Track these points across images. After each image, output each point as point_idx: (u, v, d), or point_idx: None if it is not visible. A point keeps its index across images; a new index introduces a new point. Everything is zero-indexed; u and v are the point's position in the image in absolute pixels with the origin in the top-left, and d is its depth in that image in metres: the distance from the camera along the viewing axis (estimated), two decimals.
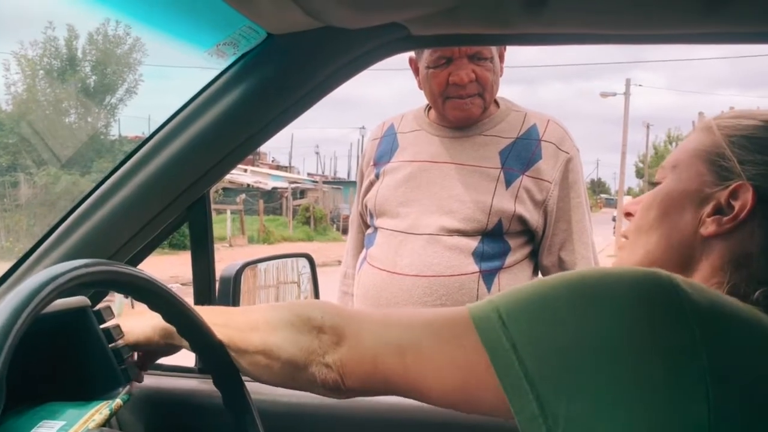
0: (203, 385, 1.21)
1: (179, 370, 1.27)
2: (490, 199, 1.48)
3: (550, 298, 0.63)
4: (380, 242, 1.56)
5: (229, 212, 20.00)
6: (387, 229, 1.55)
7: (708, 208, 0.73)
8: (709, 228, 0.73)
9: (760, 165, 0.71)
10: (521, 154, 1.51)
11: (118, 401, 0.91)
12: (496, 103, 1.62)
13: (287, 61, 1.00)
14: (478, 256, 1.46)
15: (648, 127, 42.59)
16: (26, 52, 19.28)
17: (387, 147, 1.64)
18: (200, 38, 1.00)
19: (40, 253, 1.07)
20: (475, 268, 1.46)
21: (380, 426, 1.11)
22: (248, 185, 25.29)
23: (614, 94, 28.91)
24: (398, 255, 1.50)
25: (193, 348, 0.92)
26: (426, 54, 1.52)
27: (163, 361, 1.30)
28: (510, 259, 1.50)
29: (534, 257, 1.57)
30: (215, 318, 0.87)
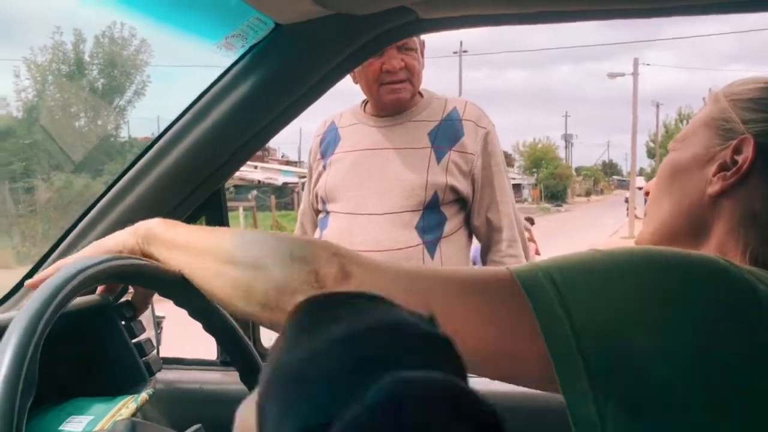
0: (226, 377, 1.22)
1: (201, 363, 1.28)
2: (425, 174, 1.67)
3: (613, 269, 0.59)
4: (332, 225, 1.74)
5: (241, 209, 20.03)
6: (338, 212, 1.74)
7: (713, 168, 0.73)
8: (714, 186, 0.73)
9: (763, 122, 0.72)
10: (447, 133, 1.72)
11: (143, 395, 0.91)
12: (420, 93, 1.81)
13: (296, 51, 1.00)
14: (420, 229, 1.66)
15: (657, 106, 42.25)
16: (35, 58, 19.40)
17: (330, 141, 1.83)
18: (209, 31, 1.00)
19: (61, 252, 1.07)
20: (419, 240, 1.66)
21: None
22: (259, 182, 25.31)
23: (622, 75, 28.69)
24: (351, 234, 1.68)
25: (220, 344, 0.92)
26: None
27: (184, 355, 1.32)
28: (447, 228, 1.69)
29: (468, 224, 1.77)
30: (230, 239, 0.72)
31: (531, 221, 13.02)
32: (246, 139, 1.07)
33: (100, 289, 0.93)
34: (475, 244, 1.82)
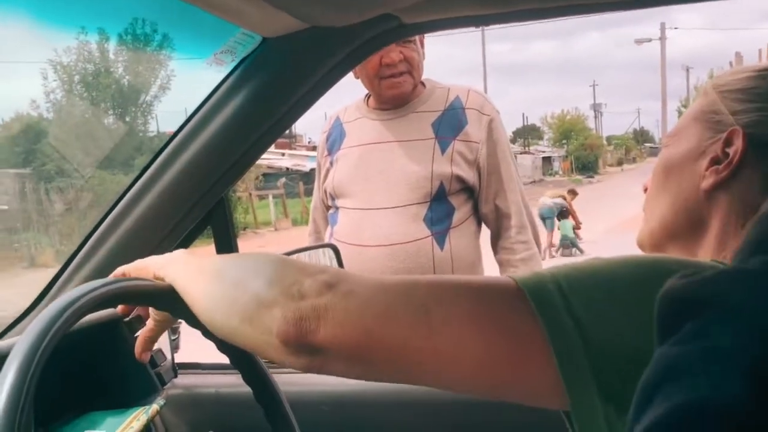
0: (241, 380, 1.25)
1: (217, 367, 1.31)
2: (430, 166, 1.68)
3: (619, 277, 0.56)
4: (342, 220, 1.76)
5: (271, 197, 20.21)
6: (347, 208, 1.75)
7: (705, 162, 0.73)
8: (708, 181, 0.72)
9: (751, 112, 0.71)
10: (450, 123, 1.73)
11: (154, 407, 0.95)
12: (423, 84, 1.81)
13: (284, 63, 1.01)
14: (428, 221, 1.68)
15: (687, 70, 41.26)
16: (61, 59, 19.68)
17: (336, 137, 1.85)
18: (202, 51, 1.01)
19: (72, 270, 1.11)
20: (427, 232, 1.67)
21: (411, 410, 1.13)
22: (287, 169, 25.45)
23: (649, 40, 28.03)
24: (360, 229, 1.71)
25: (221, 348, 0.95)
26: None
27: (202, 359, 1.35)
28: (456, 217, 1.71)
29: (477, 213, 1.78)
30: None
31: (574, 193, 12.98)
32: (244, 150, 1.09)
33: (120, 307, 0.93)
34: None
